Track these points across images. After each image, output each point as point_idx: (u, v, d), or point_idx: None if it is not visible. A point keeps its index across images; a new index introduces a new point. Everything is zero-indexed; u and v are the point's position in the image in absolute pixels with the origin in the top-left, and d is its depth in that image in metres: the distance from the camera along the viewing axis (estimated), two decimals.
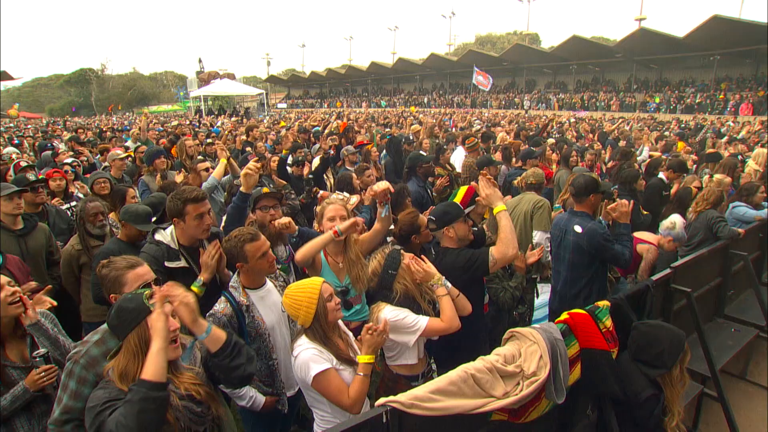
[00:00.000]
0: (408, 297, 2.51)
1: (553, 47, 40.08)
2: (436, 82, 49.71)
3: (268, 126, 14.16)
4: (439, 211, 2.94)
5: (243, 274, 2.54)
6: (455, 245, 2.90)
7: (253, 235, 2.46)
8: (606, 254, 3.34)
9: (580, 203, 3.54)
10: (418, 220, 3.12)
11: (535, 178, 4.66)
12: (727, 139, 11.31)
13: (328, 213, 2.89)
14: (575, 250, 3.46)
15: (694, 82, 32.03)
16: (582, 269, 3.45)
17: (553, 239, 3.71)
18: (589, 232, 3.36)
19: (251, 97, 42.45)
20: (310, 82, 61.48)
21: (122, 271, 2.12)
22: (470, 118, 22.55)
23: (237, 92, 40.84)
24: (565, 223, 3.58)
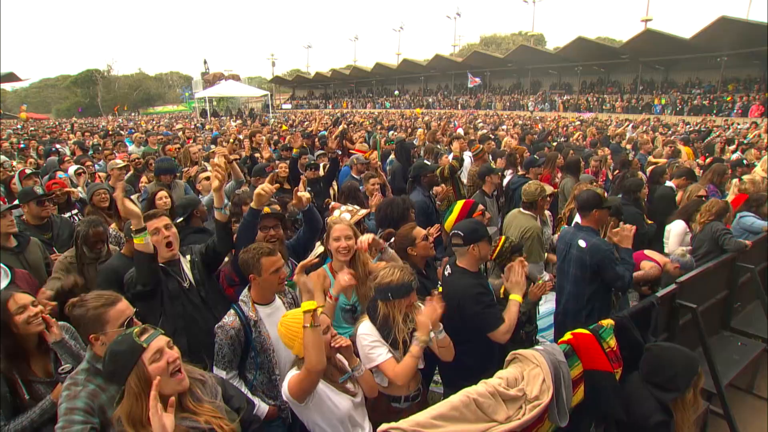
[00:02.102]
0: (387, 323, 2.48)
1: (558, 48, 39.93)
2: (441, 83, 49.63)
3: (272, 130, 14.12)
4: (467, 228, 2.86)
5: (254, 288, 2.58)
6: (474, 267, 2.88)
7: (270, 250, 2.53)
8: (607, 273, 3.31)
9: (584, 218, 3.53)
10: (413, 232, 3.13)
11: (527, 196, 4.55)
12: (735, 146, 11.19)
13: (334, 233, 2.88)
14: (578, 265, 3.44)
15: (700, 83, 31.78)
16: (585, 284, 3.44)
17: (558, 253, 3.70)
18: (593, 248, 3.35)
19: (256, 98, 42.60)
20: (314, 82, 61.55)
21: (102, 309, 2.02)
22: (475, 121, 22.62)
23: (242, 93, 41.01)
24: (570, 237, 3.56)
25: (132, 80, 74.82)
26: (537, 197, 4.48)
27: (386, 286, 2.43)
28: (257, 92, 42.48)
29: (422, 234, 3.13)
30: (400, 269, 2.48)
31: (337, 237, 2.86)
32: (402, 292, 2.42)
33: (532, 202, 4.51)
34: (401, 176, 7.28)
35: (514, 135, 12.75)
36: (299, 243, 3.30)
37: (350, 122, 19.95)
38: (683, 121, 24.18)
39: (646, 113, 29.11)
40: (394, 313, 2.45)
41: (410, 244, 3.09)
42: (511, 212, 4.75)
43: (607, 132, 13.59)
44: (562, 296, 3.55)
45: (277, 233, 3.12)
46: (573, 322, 3.40)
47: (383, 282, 2.44)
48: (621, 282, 3.27)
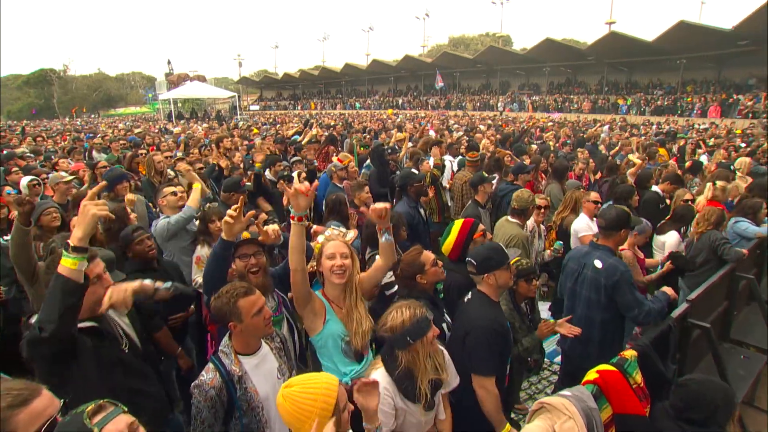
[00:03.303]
0: (409, 372, 2.15)
1: (526, 49, 40.50)
2: (410, 83, 49.63)
3: (242, 135, 13.47)
4: (480, 255, 2.60)
5: (236, 337, 2.18)
6: (494, 295, 2.61)
7: (246, 289, 2.13)
8: (623, 297, 3.03)
9: (606, 237, 3.25)
10: (421, 257, 2.78)
11: (518, 203, 4.33)
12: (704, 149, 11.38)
13: (328, 250, 2.51)
14: (593, 287, 3.18)
15: (661, 84, 32.79)
16: (599, 309, 3.17)
17: (569, 273, 3.41)
18: (609, 269, 3.09)
19: (223, 99, 41.50)
20: (283, 83, 60.57)
21: (9, 411, 1.39)
22: (447, 122, 22.50)
23: (208, 95, 39.83)
24: (584, 256, 3.30)
25: (91, 80, 71.67)
26: (529, 204, 4.26)
27: (402, 331, 2.09)
28: (224, 93, 41.35)
29: (431, 259, 2.79)
30: (407, 306, 2.15)
31: (331, 255, 2.47)
32: (421, 330, 2.10)
33: (522, 210, 4.29)
34: (377, 182, 6.96)
35: (490, 137, 12.65)
36: (287, 272, 2.86)
37: (320, 124, 19.51)
38: (648, 121, 24.86)
39: (613, 113, 29.77)
40: (419, 359, 2.12)
41: (419, 272, 2.76)
42: (499, 220, 4.50)
43: (584, 133, 13.63)
44: (572, 321, 3.26)
45: (259, 261, 2.69)
46: (583, 349, 3.17)
47: (395, 326, 2.10)
48: (638, 310, 2.98)
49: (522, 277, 3.11)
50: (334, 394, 1.61)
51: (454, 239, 3.23)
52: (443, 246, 3.29)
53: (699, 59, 29.46)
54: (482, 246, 2.71)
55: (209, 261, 2.51)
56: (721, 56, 29.12)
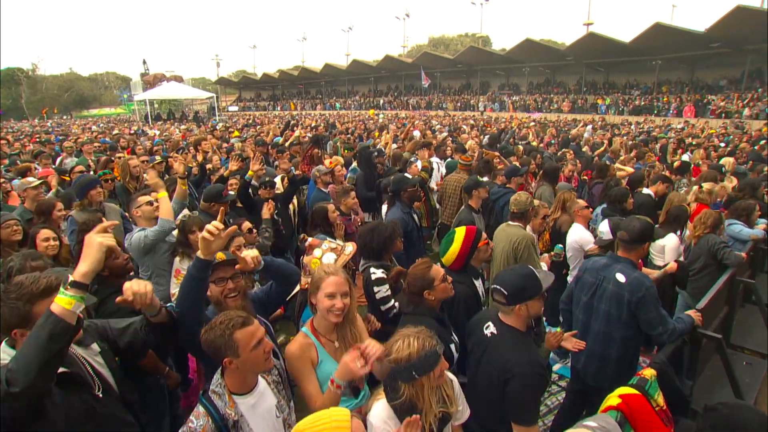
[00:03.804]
0: (413, 407, 1.91)
1: (505, 50, 40.80)
2: (391, 83, 49.53)
3: (220, 136, 13.05)
4: (513, 285, 2.27)
5: (231, 374, 1.88)
6: (523, 326, 2.34)
7: (244, 319, 1.85)
8: (647, 314, 2.83)
9: (629, 251, 3.06)
10: (430, 272, 2.56)
11: (517, 206, 4.16)
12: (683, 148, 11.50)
13: (327, 287, 2.21)
14: (614, 303, 2.97)
15: (638, 84, 33.39)
16: (619, 326, 2.95)
17: (585, 287, 3.18)
18: (634, 283, 2.88)
19: (201, 100, 40.70)
20: (262, 84, 59.81)
21: None
22: (430, 122, 22.41)
23: (185, 95, 39.00)
24: (604, 269, 3.09)
25: (62, 80, 69.65)
26: (527, 207, 4.11)
27: (407, 363, 1.85)
28: (202, 94, 40.55)
29: (441, 274, 2.57)
30: (416, 336, 1.91)
31: (331, 293, 2.20)
32: (429, 365, 1.86)
33: (522, 213, 4.12)
34: (365, 186, 6.75)
35: (474, 137, 12.54)
36: (270, 298, 2.57)
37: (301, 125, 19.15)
38: (627, 121, 25.24)
39: (592, 113, 30.17)
40: (423, 394, 1.88)
41: (427, 287, 2.54)
42: (499, 227, 4.32)
43: (567, 133, 13.65)
44: (587, 336, 3.09)
45: (238, 285, 2.37)
46: (599, 368, 3.00)
47: (401, 358, 1.86)
48: (662, 328, 2.79)
49: (530, 299, 2.92)
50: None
51: (457, 249, 3.03)
52: (444, 256, 3.09)
53: (673, 60, 30.12)
54: (512, 272, 2.36)
55: (183, 284, 2.17)
56: (693, 58, 29.84)
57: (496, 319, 2.39)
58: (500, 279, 2.33)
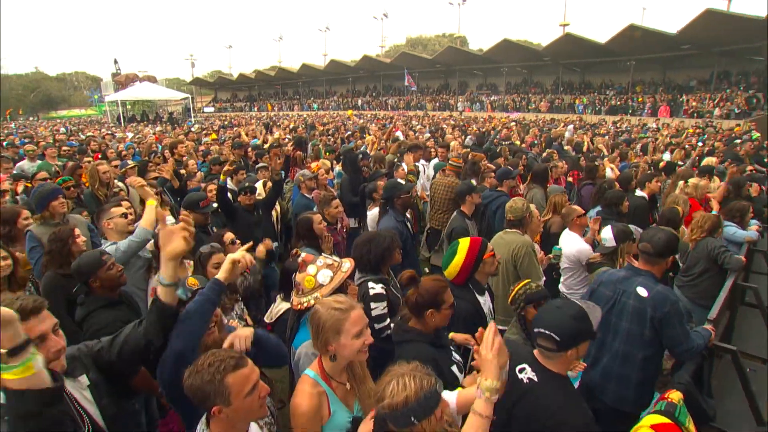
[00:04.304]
0: None
1: (483, 50, 41.02)
2: (369, 84, 49.31)
3: (196, 138, 12.58)
4: (565, 328, 1.93)
5: (218, 424, 1.61)
6: (566, 370, 2.02)
7: (237, 361, 1.59)
8: (672, 330, 2.65)
9: (651, 264, 2.87)
10: (445, 293, 2.33)
11: (514, 213, 3.94)
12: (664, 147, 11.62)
13: (353, 327, 1.88)
14: (636, 319, 2.77)
15: (613, 84, 33.95)
16: (641, 344, 2.76)
17: (601, 301, 2.93)
18: (658, 298, 2.69)
19: (175, 101, 39.73)
20: (238, 84, 58.84)
21: None
22: (411, 123, 22.28)
23: (160, 96, 37.98)
24: (622, 282, 2.89)
25: (27, 80, 67.18)
26: (524, 213, 3.91)
27: (404, 408, 1.54)
28: (177, 95, 39.60)
29: (451, 301, 2.35)
30: (411, 374, 1.60)
31: (359, 332, 1.88)
32: (429, 408, 1.57)
33: (519, 220, 3.92)
34: (350, 190, 6.51)
35: (457, 138, 12.43)
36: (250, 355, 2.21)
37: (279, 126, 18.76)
38: (604, 121, 25.61)
39: (569, 113, 30.53)
40: None
41: (433, 306, 2.31)
42: (496, 236, 4.12)
43: (548, 133, 13.65)
44: (602, 354, 2.91)
45: (216, 317, 2.16)
46: (618, 391, 2.80)
47: (397, 403, 1.55)
48: (686, 345, 2.62)
49: (532, 302, 2.74)
50: None
51: (461, 261, 2.81)
52: (447, 269, 2.88)
53: (646, 61, 30.69)
54: (561, 314, 1.98)
55: (192, 314, 1.88)
56: (665, 59, 30.52)
57: (533, 361, 2.04)
58: (547, 322, 1.98)
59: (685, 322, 2.70)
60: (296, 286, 2.36)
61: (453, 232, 4.29)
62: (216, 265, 2.89)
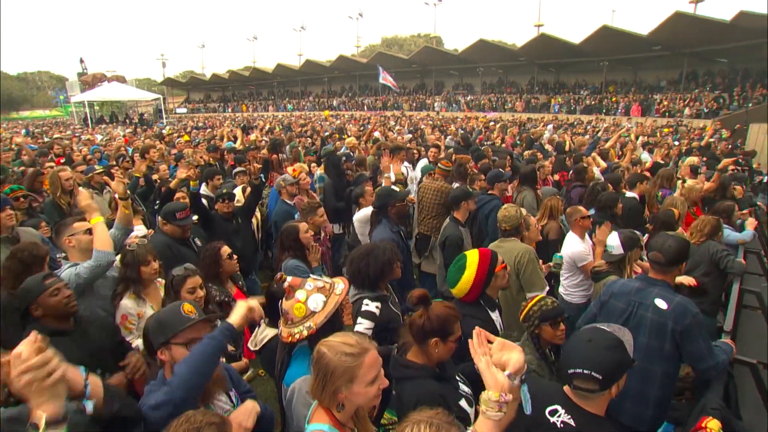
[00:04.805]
0: None
1: (458, 50, 41.16)
2: (345, 84, 48.93)
3: (167, 141, 12.00)
4: (606, 364, 1.70)
5: None
6: (603, 410, 1.80)
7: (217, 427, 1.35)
8: (695, 345, 2.48)
9: (664, 273, 2.70)
10: (455, 323, 2.09)
11: (508, 222, 3.72)
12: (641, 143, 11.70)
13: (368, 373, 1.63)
14: (655, 334, 2.59)
15: (586, 84, 34.50)
16: (660, 359, 2.58)
17: (614, 314, 2.76)
18: (678, 309, 2.52)
19: (146, 102, 38.51)
20: (211, 85, 57.57)
21: None
22: (388, 123, 22.04)
23: (129, 97, 36.69)
24: (637, 294, 2.71)
25: None
26: (519, 221, 3.70)
27: None
28: (147, 95, 38.29)
29: (459, 334, 2.09)
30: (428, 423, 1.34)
31: (374, 377, 1.65)
32: None
33: (515, 227, 3.71)
34: (334, 194, 6.22)
35: (440, 139, 12.23)
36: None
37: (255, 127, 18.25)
38: (579, 120, 25.93)
39: (545, 112, 30.85)
40: None
41: (440, 336, 2.05)
42: (492, 245, 3.89)
43: (528, 132, 13.62)
44: None
45: None
46: (637, 410, 2.61)
47: None
48: (712, 361, 2.46)
49: (547, 320, 2.53)
50: None
51: (471, 277, 2.56)
52: (456, 286, 2.61)
53: (618, 62, 31.30)
54: (596, 348, 1.74)
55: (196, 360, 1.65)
56: (636, 59, 31.16)
57: (565, 401, 1.81)
58: (583, 360, 1.72)
59: (708, 336, 2.53)
60: (284, 315, 2.08)
61: (447, 241, 4.05)
62: (191, 290, 2.58)
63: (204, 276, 2.95)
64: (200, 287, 2.68)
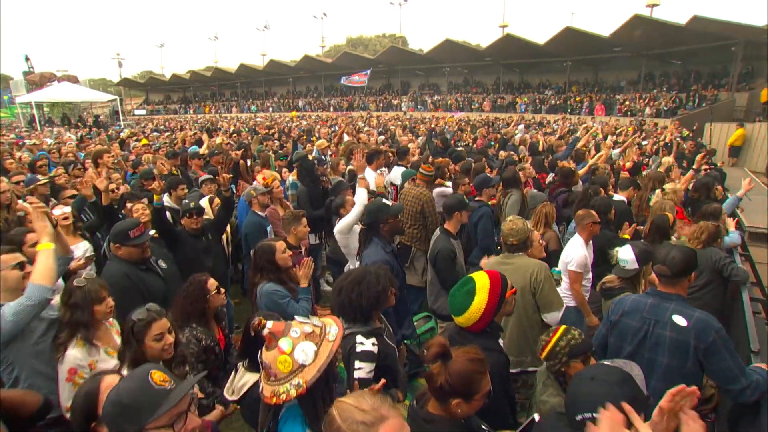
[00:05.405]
0: None
1: (423, 50, 41.17)
2: (310, 84, 48.17)
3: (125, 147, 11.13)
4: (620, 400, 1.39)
5: None
6: None
7: None
8: (722, 363, 2.26)
9: (674, 285, 2.50)
10: (482, 381, 1.74)
11: (516, 237, 3.37)
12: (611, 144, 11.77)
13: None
14: (675, 352, 2.39)
15: (550, 84, 35.12)
16: (681, 379, 2.26)
17: (628, 333, 2.54)
18: (699, 326, 2.32)
19: (102, 103, 36.57)
20: (171, 85, 55.49)
21: None
22: (357, 124, 21.61)
23: (83, 98, 34.68)
24: (652, 311, 2.49)
25: None
26: (527, 234, 3.38)
27: None
28: (103, 96, 36.24)
29: (488, 388, 1.76)
30: None
31: None
32: None
33: (523, 242, 3.38)
34: (309, 203, 5.79)
35: (411, 141, 11.93)
36: None
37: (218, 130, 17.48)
38: (546, 119, 26.26)
39: (512, 112, 31.17)
40: None
41: (465, 396, 1.70)
42: (494, 261, 3.56)
43: (500, 132, 13.52)
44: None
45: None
46: None
47: None
48: (745, 381, 2.23)
49: (578, 356, 2.22)
50: None
51: (483, 305, 2.23)
52: (463, 315, 2.27)
53: (580, 62, 32.00)
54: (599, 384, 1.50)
55: None
56: (597, 60, 31.92)
57: None
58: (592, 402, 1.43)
59: (736, 352, 2.31)
60: (265, 369, 1.67)
61: (439, 255, 3.70)
62: (158, 337, 2.12)
63: (187, 315, 2.50)
64: (169, 331, 2.21)
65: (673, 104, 25.59)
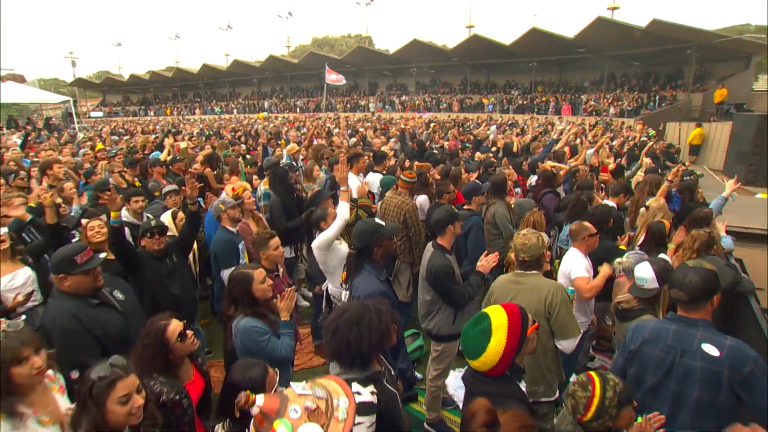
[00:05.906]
0: None
1: (390, 51, 40.99)
2: (275, 85, 47.20)
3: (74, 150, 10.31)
4: None
5: None
6: None
7: None
8: (761, 397, 2.06)
9: (696, 309, 2.27)
10: None
11: (530, 253, 3.00)
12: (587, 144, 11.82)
13: None
14: (708, 385, 2.16)
15: (516, 84, 35.59)
16: (715, 415, 2.15)
17: (651, 364, 2.32)
18: (734, 355, 2.11)
19: (53, 105, 34.54)
20: (130, 86, 53.24)
21: None
22: (326, 125, 21.13)
23: (31, 99, 32.62)
24: (677, 338, 2.27)
25: None
26: (542, 250, 3.05)
27: None
28: (54, 98, 34.18)
29: None
30: None
31: None
32: None
33: (537, 259, 3.05)
34: (282, 214, 5.37)
35: (387, 144, 11.61)
36: None
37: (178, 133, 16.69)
38: (514, 119, 26.52)
39: (480, 112, 31.39)
40: None
41: None
42: (499, 280, 3.24)
43: (472, 133, 13.38)
44: None
45: None
46: None
47: None
48: None
49: (629, 403, 1.94)
50: None
51: (502, 346, 1.91)
52: (479, 358, 1.95)
53: (546, 63, 32.58)
54: None
55: None
56: (561, 61, 32.56)
57: None
58: None
59: None
60: None
61: (434, 273, 3.36)
62: (124, 400, 1.70)
63: (147, 370, 2.08)
64: (137, 391, 1.78)
65: (636, 104, 26.29)
